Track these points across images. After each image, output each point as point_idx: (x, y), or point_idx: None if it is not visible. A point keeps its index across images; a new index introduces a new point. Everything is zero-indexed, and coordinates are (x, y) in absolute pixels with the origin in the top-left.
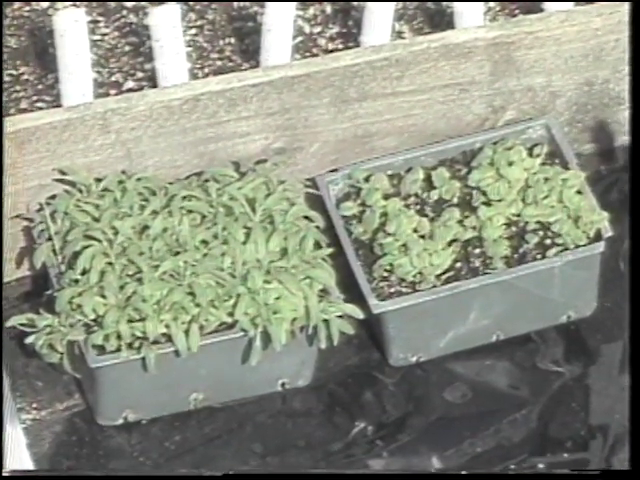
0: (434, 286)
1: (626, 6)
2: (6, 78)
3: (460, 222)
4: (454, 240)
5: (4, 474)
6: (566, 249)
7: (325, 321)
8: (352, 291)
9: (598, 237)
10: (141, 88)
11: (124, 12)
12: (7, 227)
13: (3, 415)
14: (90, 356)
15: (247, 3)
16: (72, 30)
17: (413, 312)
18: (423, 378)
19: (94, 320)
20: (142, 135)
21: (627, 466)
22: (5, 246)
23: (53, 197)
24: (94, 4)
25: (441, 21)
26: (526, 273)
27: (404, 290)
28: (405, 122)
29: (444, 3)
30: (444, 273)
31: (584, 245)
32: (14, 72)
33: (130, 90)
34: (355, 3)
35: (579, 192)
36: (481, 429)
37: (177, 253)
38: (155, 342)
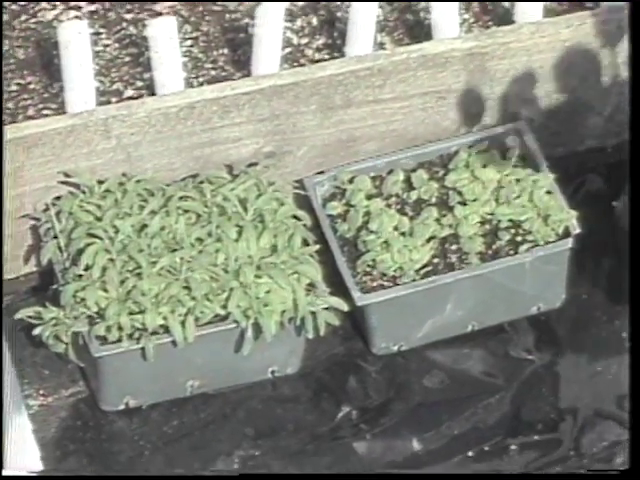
0: (413, 280)
1: (591, 18)
2: (14, 87)
3: (438, 220)
4: (432, 237)
5: (4, 474)
6: (536, 245)
7: (312, 313)
8: (337, 285)
9: (566, 234)
10: (140, 96)
11: (124, 24)
12: (16, 226)
13: (4, 414)
14: (93, 346)
15: (239, 15)
16: (76, 42)
17: (394, 304)
18: (404, 366)
19: (97, 312)
20: (141, 140)
21: (595, 448)
22: (13, 244)
23: (58, 198)
24: (95, 16)
25: (420, 33)
26: (499, 268)
27: (386, 284)
28: (387, 127)
29: (422, 15)
30: (423, 268)
31: (553, 242)
32: (22, 81)
33: (130, 98)
34: (340, 15)
35: (549, 192)
36: (458, 413)
37: (174, 250)
38: (154, 333)
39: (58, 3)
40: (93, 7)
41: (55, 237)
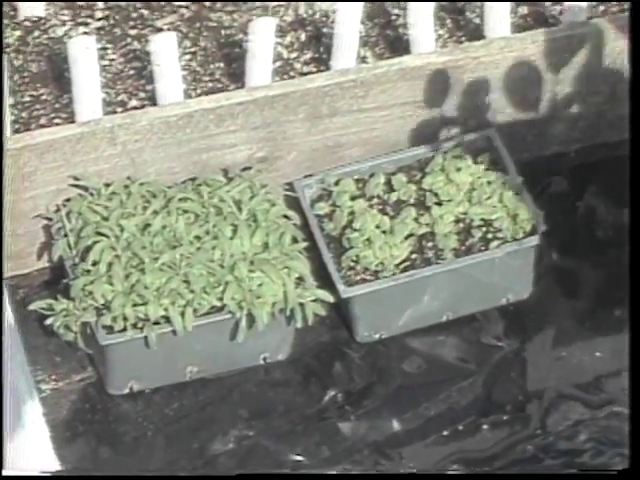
0: (393, 274)
1: (554, 34)
2: (27, 98)
3: (416, 219)
4: (410, 235)
5: (4, 474)
6: (506, 242)
7: (301, 304)
8: (324, 279)
9: (533, 231)
10: (143, 106)
11: (129, 40)
12: (30, 225)
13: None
14: (100, 335)
15: (233, 31)
16: (84, 56)
17: (376, 296)
18: (385, 352)
19: (103, 304)
20: (144, 146)
21: (560, 426)
22: (27, 242)
23: (68, 199)
24: (102, 32)
25: (399, 47)
26: (471, 262)
27: (368, 278)
28: (369, 134)
29: (401, 32)
30: (402, 263)
31: (521, 239)
32: (35, 93)
33: (134, 108)
34: (326, 31)
35: (517, 193)
36: (434, 395)
37: (174, 247)
38: (156, 323)
39: (68, 19)
40: (100, 24)
41: (65, 235)
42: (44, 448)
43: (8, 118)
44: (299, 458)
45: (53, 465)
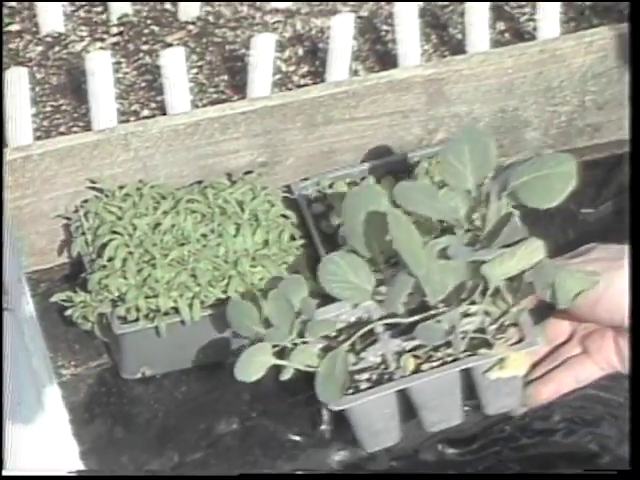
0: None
1: (530, 49)
2: (48, 108)
3: None
4: None
5: (4, 474)
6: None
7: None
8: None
9: None
10: (154, 115)
11: (141, 55)
12: (51, 224)
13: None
14: (115, 325)
15: (237, 46)
16: (100, 70)
17: None
18: None
19: (118, 297)
20: (155, 152)
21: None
22: (48, 239)
23: (86, 201)
24: (117, 47)
25: (388, 61)
26: None
27: None
28: (360, 141)
29: (390, 47)
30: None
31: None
32: (54, 103)
33: (146, 117)
34: (321, 47)
35: None
36: None
37: (182, 244)
38: (166, 314)
39: (86, 35)
40: (115, 40)
41: (83, 234)
42: (62, 431)
43: (30, 126)
44: (296, 438)
45: (70, 447)
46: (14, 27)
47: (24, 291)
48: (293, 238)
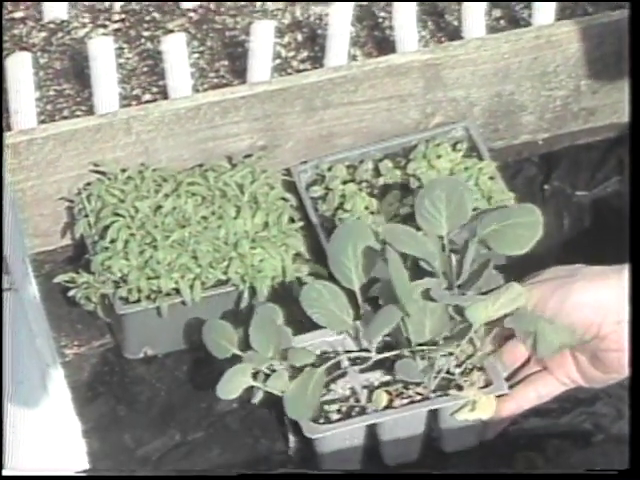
0: None
1: (526, 35)
2: (52, 92)
3: (400, 201)
4: (396, 215)
5: (4, 474)
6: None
7: (298, 278)
8: (318, 255)
9: None
10: (155, 100)
11: (142, 40)
12: (54, 206)
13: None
14: (117, 305)
15: (237, 32)
16: (103, 55)
17: None
18: None
19: (120, 278)
20: (157, 136)
21: None
22: (52, 221)
23: (89, 184)
24: (119, 34)
25: (386, 47)
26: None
27: None
28: (359, 125)
29: (388, 33)
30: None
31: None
32: (58, 88)
33: (147, 101)
34: (320, 33)
35: (491, 178)
36: None
37: (183, 226)
38: (167, 294)
39: (88, 22)
40: (117, 26)
41: (86, 216)
42: (65, 411)
43: (34, 110)
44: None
45: (74, 426)
46: (18, 14)
47: (28, 272)
48: (292, 220)
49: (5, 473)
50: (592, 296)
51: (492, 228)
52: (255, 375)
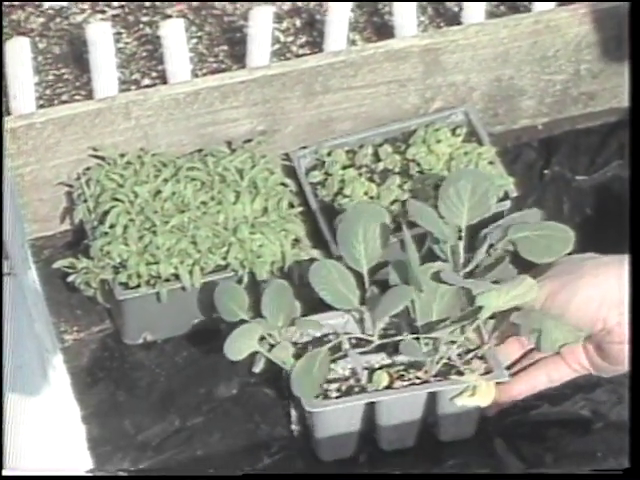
0: None
1: (525, 20)
2: (51, 77)
3: (400, 186)
4: (395, 200)
5: (4, 474)
6: None
7: (297, 262)
8: (317, 240)
9: (506, 197)
10: (155, 84)
11: (141, 25)
12: (53, 191)
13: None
14: (117, 291)
15: (235, 17)
16: (101, 40)
17: None
18: None
19: (120, 263)
20: (156, 121)
21: None
22: (51, 207)
23: (88, 168)
24: (117, 19)
25: (385, 32)
26: None
27: None
28: (358, 110)
29: (387, 18)
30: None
31: (495, 203)
32: (57, 72)
33: (146, 86)
34: (319, 18)
35: (491, 162)
36: None
37: (183, 211)
38: (166, 280)
39: (87, 8)
40: (115, 12)
41: (85, 201)
42: (65, 396)
43: (33, 95)
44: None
45: (74, 412)
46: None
47: (27, 257)
48: (292, 205)
49: (5, 473)
50: (597, 291)
51: (524, 234)
52: (262, 341)
